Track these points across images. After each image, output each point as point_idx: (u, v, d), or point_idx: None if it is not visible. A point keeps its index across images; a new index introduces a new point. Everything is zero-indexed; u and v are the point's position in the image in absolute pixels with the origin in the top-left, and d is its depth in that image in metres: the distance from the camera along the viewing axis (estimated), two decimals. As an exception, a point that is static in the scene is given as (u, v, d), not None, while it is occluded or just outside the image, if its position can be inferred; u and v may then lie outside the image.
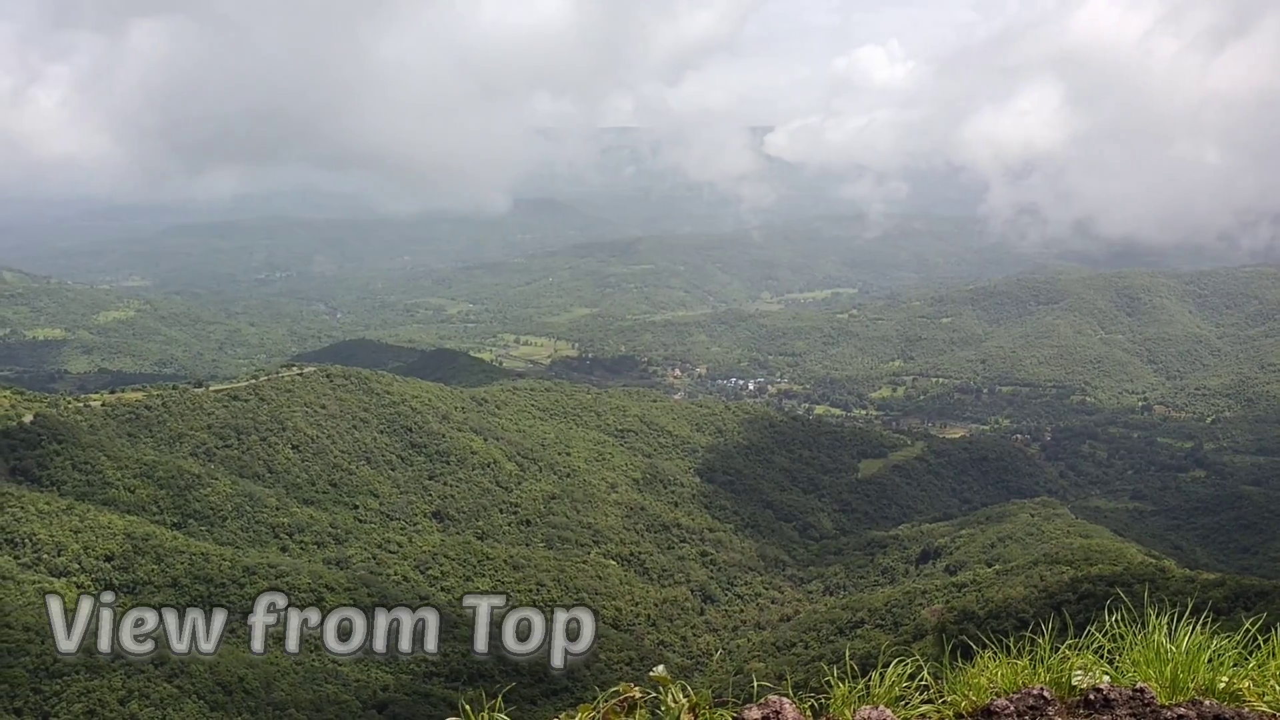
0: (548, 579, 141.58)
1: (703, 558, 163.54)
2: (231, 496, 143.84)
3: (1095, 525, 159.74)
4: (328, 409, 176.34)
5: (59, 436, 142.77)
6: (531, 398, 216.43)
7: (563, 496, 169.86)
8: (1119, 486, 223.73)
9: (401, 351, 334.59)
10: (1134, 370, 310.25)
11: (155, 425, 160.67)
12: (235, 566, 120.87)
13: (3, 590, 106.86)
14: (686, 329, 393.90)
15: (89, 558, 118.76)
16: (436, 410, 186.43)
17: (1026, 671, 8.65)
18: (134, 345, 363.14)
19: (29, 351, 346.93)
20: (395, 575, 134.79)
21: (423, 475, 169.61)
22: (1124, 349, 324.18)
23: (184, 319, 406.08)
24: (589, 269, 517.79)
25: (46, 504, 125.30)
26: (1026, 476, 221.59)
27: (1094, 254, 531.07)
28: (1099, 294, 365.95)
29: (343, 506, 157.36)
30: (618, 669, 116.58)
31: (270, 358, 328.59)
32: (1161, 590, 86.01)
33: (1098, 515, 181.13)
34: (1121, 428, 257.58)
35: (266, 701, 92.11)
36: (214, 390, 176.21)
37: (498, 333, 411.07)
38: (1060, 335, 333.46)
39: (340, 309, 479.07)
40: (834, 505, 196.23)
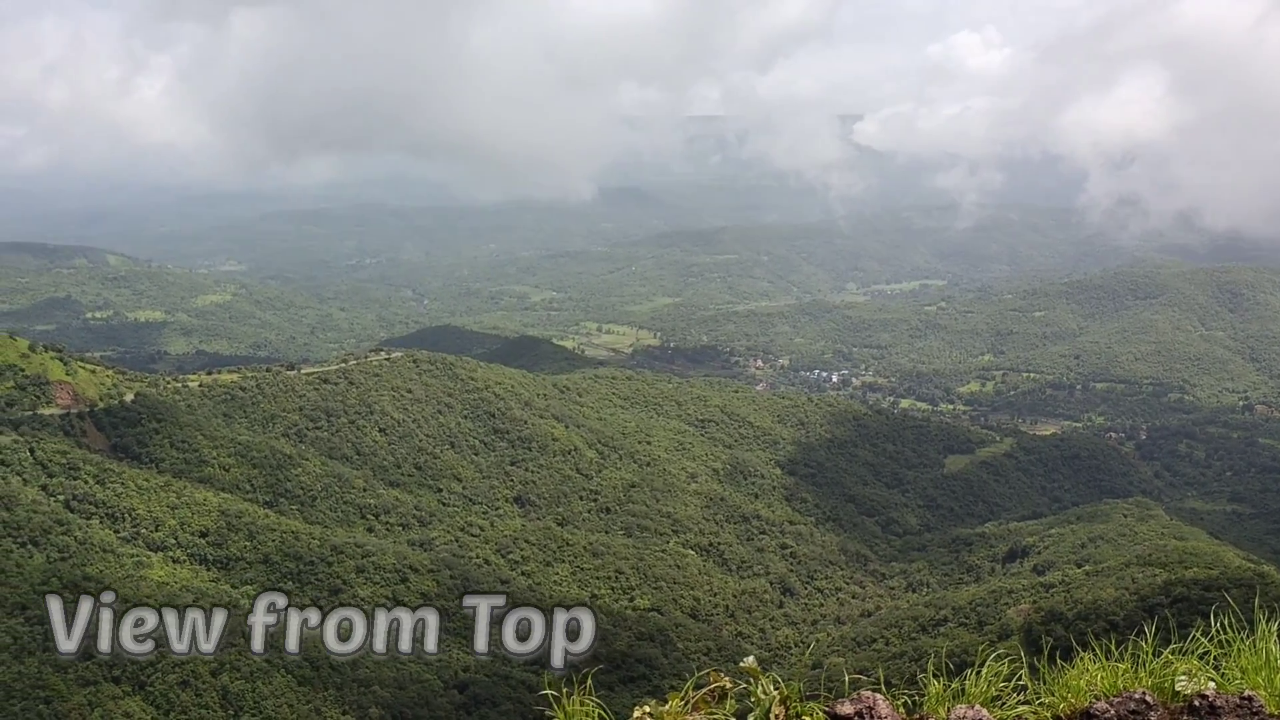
0: (626, 567, 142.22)
1: (783, 550, 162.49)
2: (321, 477, 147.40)
3: (1191, 527, 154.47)
4: (414, 393, 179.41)
5: (158, 415, 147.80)
6: (613, 386, 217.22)
7: (642, 485, 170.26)
8: (1217, 488, 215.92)
9: (486, 338, 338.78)
10: (1235, 368, 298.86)
11: (249, 406, 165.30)
12: (324, 545, 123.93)
13: (103, 562, 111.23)
14: (770, 320, 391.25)
15: (185, 533, 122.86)
16: (519, 397, 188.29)
17: (1127, 675, 8.35)
18: (230, 328, 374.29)
19: (131, 333, 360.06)
20: (477, 558, 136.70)
21: (505, 461, 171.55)
22: (1225, 346, 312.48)
23: (277, 303, 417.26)
24: (672, 258, 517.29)
25: (145, 480, 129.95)
26: (1120, 476, 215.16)
27: (1195, 248, 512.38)
28: (1200, 289, 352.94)
29: (427, 489, 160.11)
30: (695, 659, 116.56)
31: (359, 342, 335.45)
32: (1260, 596, 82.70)
33: (1194, 517, 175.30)
34: (1221, 427, 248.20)
35: (352, 678, 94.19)
36: (305, 373, 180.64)
37: (580, 321, 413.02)
38: (1159, 331, 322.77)
39: (427, 295, 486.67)
40: (919, 501, 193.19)
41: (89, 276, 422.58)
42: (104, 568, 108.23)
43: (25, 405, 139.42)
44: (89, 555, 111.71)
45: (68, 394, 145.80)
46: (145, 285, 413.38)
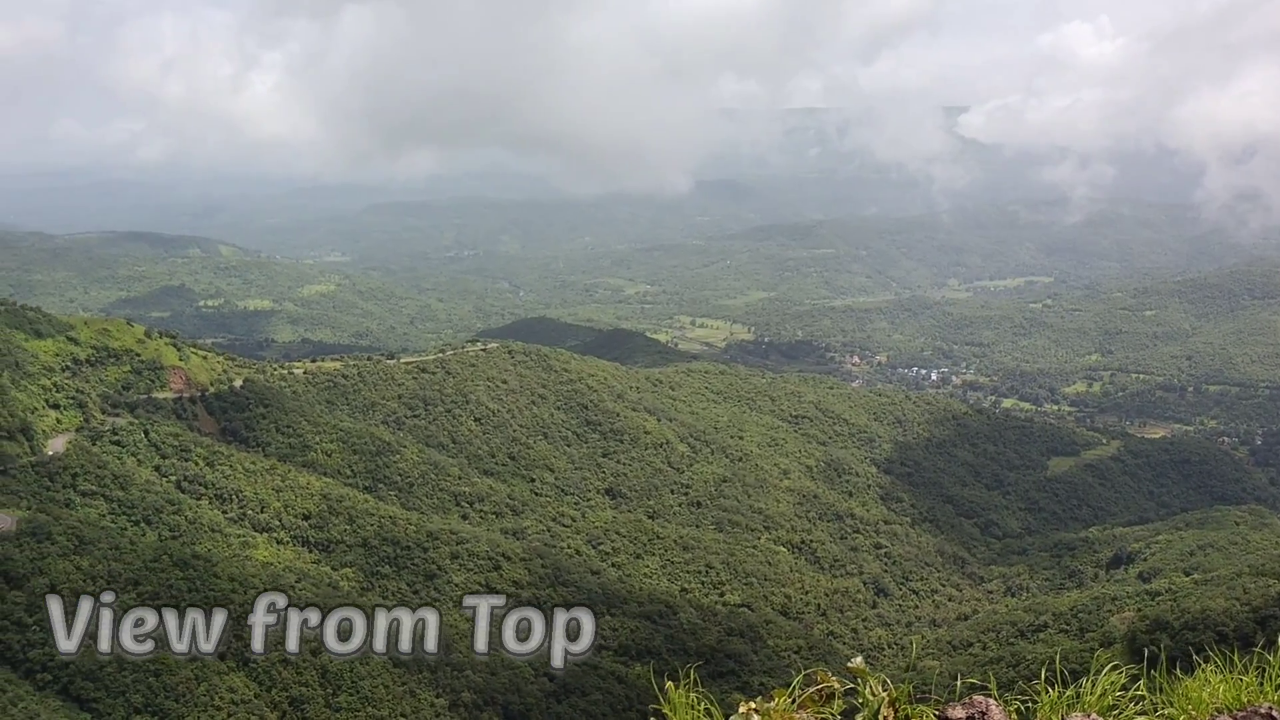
0: (717, 562, 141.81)
1: (877, 550, 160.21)
2: (418, 464, 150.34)
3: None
4: (508, 384, 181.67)
5: (265, 401, 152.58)
6: (706, 380, 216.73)
7: (734, 480, 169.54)
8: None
9: (580, 330, 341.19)
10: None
11: (351, 393, 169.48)
12: (420, 531, 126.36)
13: (211, 541, 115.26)
14: (867, 315, 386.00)
15: (289, 515, 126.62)
16: (612, 389, 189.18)
17: (1252, 688, 7.92)
18: (333, 317, 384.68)
19: (241, 320, 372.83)
20: (568, 549, 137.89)
21: (597, 453, 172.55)
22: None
23: (379, 294, 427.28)
24: (768, 252, 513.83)
25: (252, 463, 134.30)
26: (1233, 482, 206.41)
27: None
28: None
29: (520, 479, 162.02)
30: (785, 656, 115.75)
31: (457, 333, 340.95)
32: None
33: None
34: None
35: (445, 661, 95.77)
36: (404, 362, 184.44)
37: (674, 314, 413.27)
38: (1277, 332, 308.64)
39: (523, 287, 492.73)
40: (1019, 503, 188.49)
41: (202, 266, 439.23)
42: (212, 547, 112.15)
43: (141, 389, 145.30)
44: (198, 534, 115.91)
45: (181, 379, 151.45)
46: (255, 275, 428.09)
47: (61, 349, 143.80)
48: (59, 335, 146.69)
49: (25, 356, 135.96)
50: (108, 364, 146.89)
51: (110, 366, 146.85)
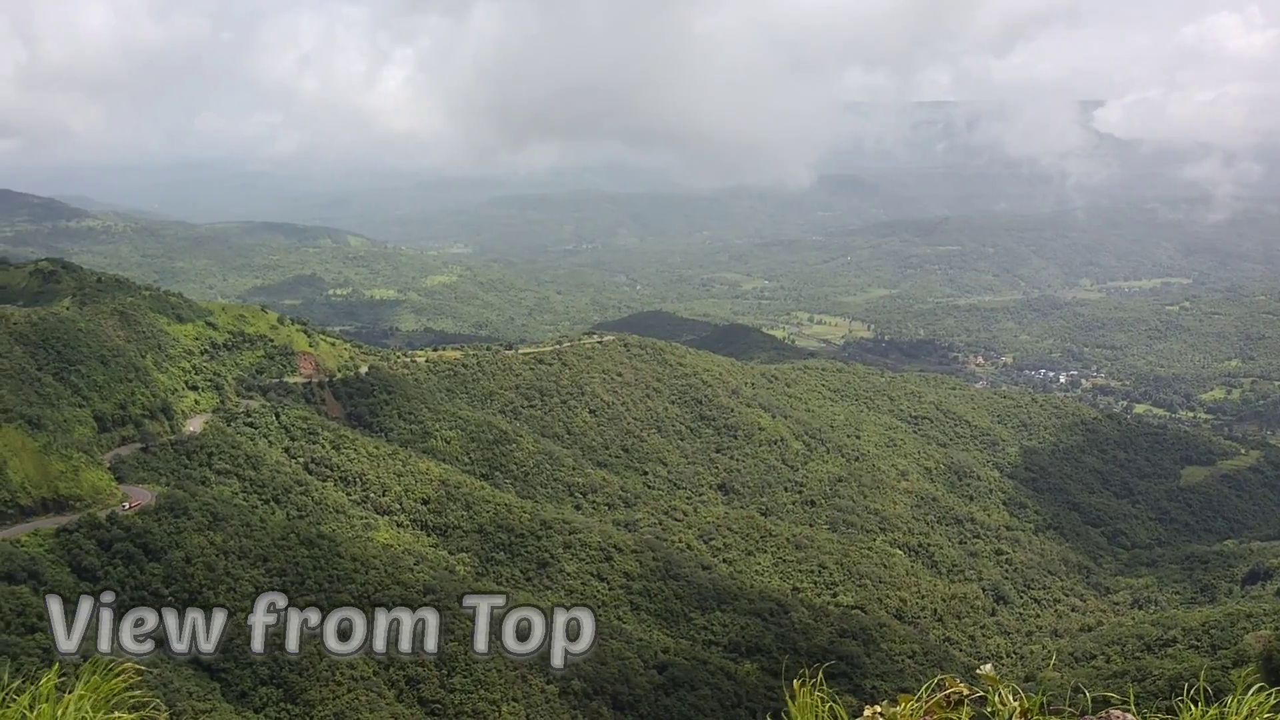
0: (830, 562, 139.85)
1: (998, 556, 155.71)
2: (533, 454, 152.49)
3: None
4: (624, 377, 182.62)
5: (389, 387, 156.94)
6: (823, 378, 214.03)
7: (850, 480, 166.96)
8: None
9: (696, 324, 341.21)
10: None
11: (470, 382, 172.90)
12: (534, 520, 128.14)
13: (336, 522, 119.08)
14: (993, 315, 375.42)
15: (408, 499, 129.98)
16: (727, 385, 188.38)
17: None
18: (455, 308, 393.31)
19: (367, 309, 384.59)
20: (679, 543, 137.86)
21: (710, 447, 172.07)
22: None
23: (499, 285, 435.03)
24: (890, 249, 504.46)
25: (375, 448, 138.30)
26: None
27: None
28: None
29: (633, 472, 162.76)
30: (899, 661, 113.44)
31: (574, 325, 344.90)
32: None
33: None
34: None
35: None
36: (522, 353, 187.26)
37: (792, 310, 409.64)
38: None
39: (640, 281, 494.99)
40: (1149, 513, 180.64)
41: (332, 256, 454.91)
42: (336, 527, 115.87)
43: (273, 373, 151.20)
44: (323, 515, 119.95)
45: (310, 364, 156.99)
46: (381, 265, 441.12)
47: (201, 333, 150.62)
48: (199, 320, 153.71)
49: (167, 340, 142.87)
50: (243, 349, 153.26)
51: (245, 351, 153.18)
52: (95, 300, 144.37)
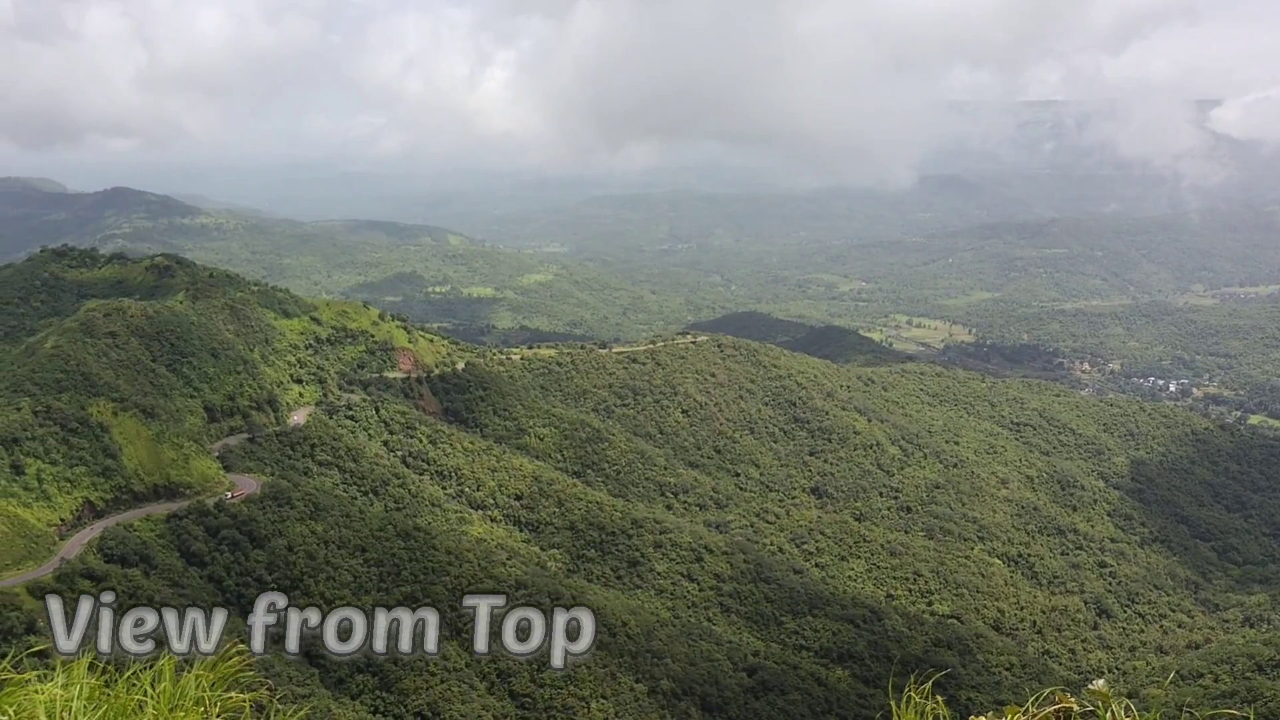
0: (925, 569, 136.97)
1: (1101, 568, 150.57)
2: (626, 452, 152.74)
3: None
4: (717, 377, 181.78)
5: (484, 384, 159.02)
6: (921, 382, 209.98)
7: (947, 486, 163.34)
8: None
9: (791, 326, 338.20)
10: None
11: (564, 380, 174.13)
12: (625, 518, 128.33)
13: (431, 515, 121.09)
14: (1100, 320, 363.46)
15: (502, 495, 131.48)
16: (822, 387, 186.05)
17: None
18: (550, 306, 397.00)
19: (465, 306, 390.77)
20: (771, 545, 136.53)
21: (804, 450, 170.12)
22: None
23: (594, 284, 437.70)
24: (993, 251, 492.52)
25: (471, 443, 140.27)
26: None
27: None
28: None
29: (725, 473, 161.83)
30: (996, 673, 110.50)
31: (667, 324, 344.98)
32: None
33: None
34: None
35: (646, 648, 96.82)
36: (616, 352, 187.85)
37: (890, 313, 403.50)
38: None
39: (734, 281, 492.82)
40: (1264, 528, 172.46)
41: (432, 254, 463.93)
42: (431, 520, 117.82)
43: (373, 368, 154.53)
44: (419, 507, 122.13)
45: (409, 360, 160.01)
46: (479, 264, 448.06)
47: (306, 328, 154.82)
48: (304, 316, 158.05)
49: (274, 334, 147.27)
50: (345, 344, 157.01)
51: (347, 346, 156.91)
52: (207, 295, 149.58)
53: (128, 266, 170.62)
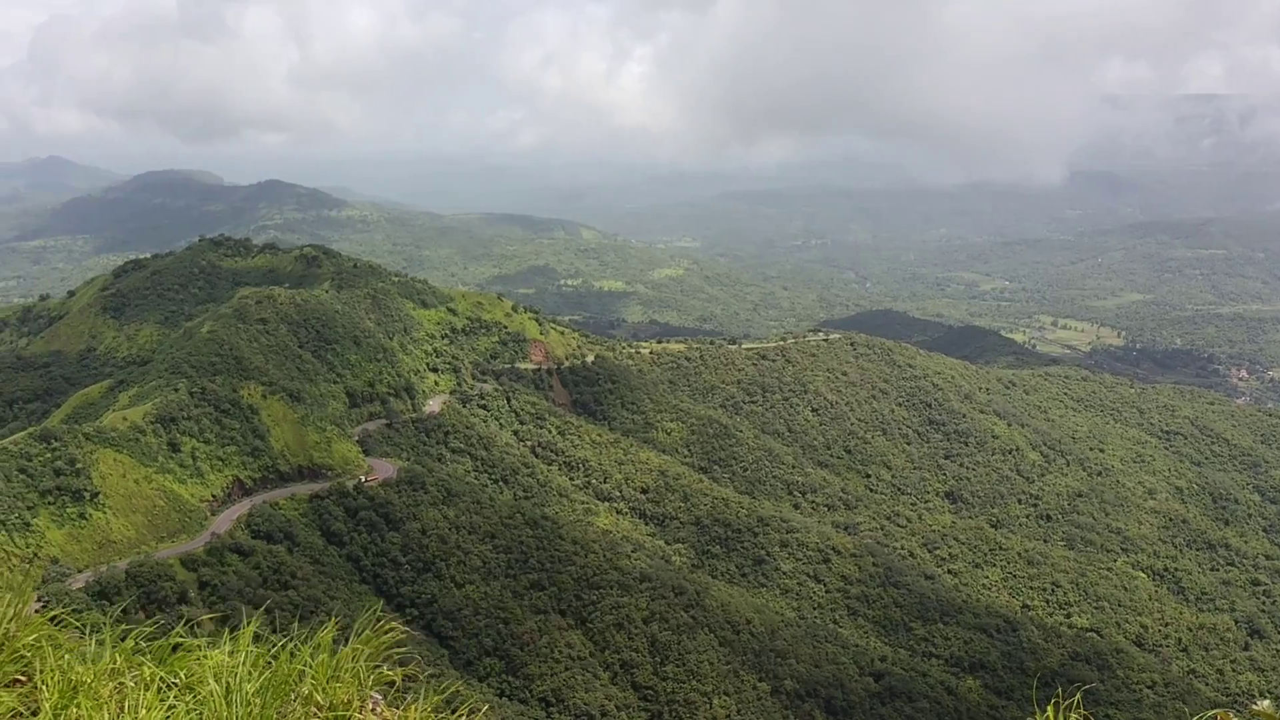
0: (1064, 580, 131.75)
1: (1254, 586, 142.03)
2: (753, 450, 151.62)
3: None
4: (849, 376, 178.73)
5: (613, 377, 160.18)
6: (1065, 386, 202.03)
7: (1090, 495, 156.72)
8: None
9: (928, 325, 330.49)
10: None
11: (692, 375, 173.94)
12: (751, 515, 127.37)
13: (559, 505, 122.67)
14: (1260, 325, 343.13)
15: (628, 488, 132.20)
16: (959, 389, 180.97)
17: None
18: (680, 301, 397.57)
19: (595, 300, 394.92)
20: (901, 550, 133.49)
21: (938, 453, 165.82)
22: None
23: (725, 279, 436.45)
24: (1146, 251, 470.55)
25: (599, 435, 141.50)
26: None
27: None
28: None
29: (855, 474, 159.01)
30: (1137, 690, 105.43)
31: (799, 321, 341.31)
32: None
33: None
34: None
35: (770, 647, 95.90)
36: (745, 348, 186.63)
37: (1033, 314, 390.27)
38: None
39: (870, 278, 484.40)
40: None
41: (565, 247, 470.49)
42: (559, 509, 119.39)
43: (506, 359, 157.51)
44: (547, 497, 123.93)
45: (540, 351, 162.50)
46: (611, 257, 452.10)
47: (442, 319, 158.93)
48: (441, 306, 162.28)
49: (413, 324, 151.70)
50: (479, 334, 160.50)
51: (481, 336, 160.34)
52: (351, 285, 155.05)
53: (278, 256, 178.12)
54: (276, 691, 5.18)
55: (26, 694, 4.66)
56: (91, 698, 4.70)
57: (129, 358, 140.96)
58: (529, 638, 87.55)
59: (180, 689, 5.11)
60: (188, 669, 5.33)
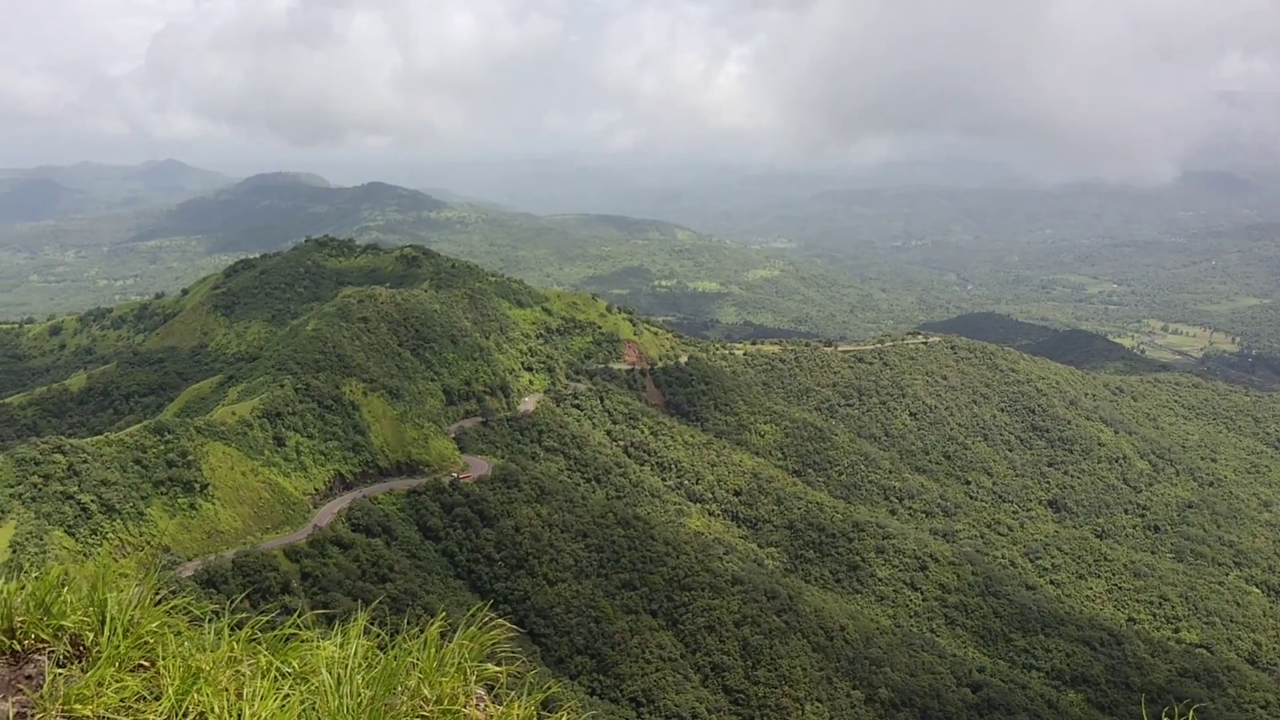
0: (1173, 594, 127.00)
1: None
2: (848, 453, 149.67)
3: None
4: (949, 380, 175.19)
5: (706, 378, 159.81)
6: (1176, 393, 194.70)
7: (1201, 506, 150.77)
8: None
9: (1032, 329, 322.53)
10: None
11: (786, 377, 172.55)
12: (846, 520, 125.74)
13: (651, 505, 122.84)
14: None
15: (721, 490, 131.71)
16: (1064, 394, 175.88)
17: None
18: (775, 302, 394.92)
19: (689, 300, 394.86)
20: (1002, 559, 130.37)
21: (1041, 460, 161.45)
22: None
23: (821, 281, 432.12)
24: (1265, 254, 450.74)
25: (691, 437, 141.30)
26: None
27: None
28: None
29: (954, 480, 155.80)
30: (1249, 710, 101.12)
31: (897, 324, 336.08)
32: None
33: None
34: None
35: (864, 654, 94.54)
36: (842, 350, 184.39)
37: (1142, 318, 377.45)
38: None
39: (971, 280, 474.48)
40: None
41: (659, 248, 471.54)
42: (651, 510, 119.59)
43: (600, 359, 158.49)
44: (639, 497, 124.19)
45: (634, 352, 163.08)
46: (705, 258, 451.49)
47: (537, 318, 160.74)
48: (536, 306, 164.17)
49: (508, 323, 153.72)
50: (574, 334, 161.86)
51: (576, 336, 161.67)
52: (449, 285, 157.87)
53: (380, 256, 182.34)
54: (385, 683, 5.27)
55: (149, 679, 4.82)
56: (211, 684, 4.84)
57: (238, 354, 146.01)
58: (620, 637, 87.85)
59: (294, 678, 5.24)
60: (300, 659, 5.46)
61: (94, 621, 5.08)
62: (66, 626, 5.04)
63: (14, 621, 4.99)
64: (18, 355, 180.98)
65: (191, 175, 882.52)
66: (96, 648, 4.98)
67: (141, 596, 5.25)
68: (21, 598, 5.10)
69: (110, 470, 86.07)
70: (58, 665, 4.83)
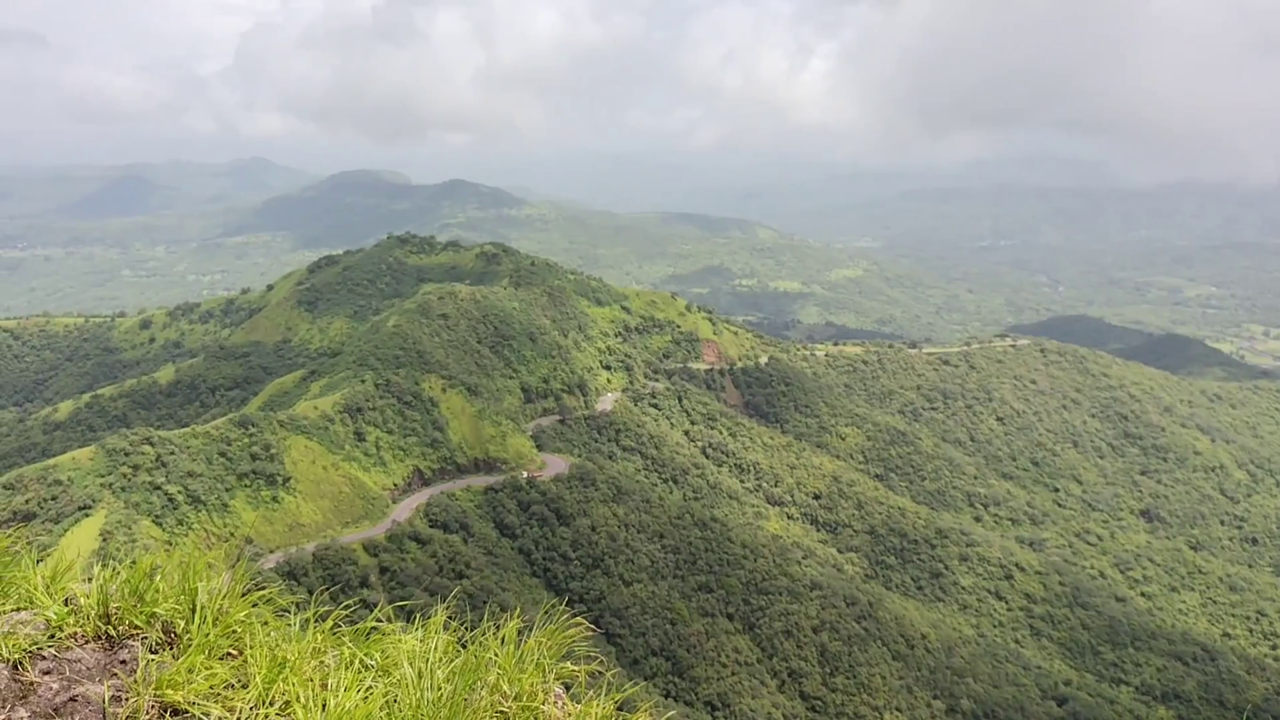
0: (1272, 610, 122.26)
1: None
2: (932, 458, 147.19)
3: None
4: (1038, 384, 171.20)
5: (787, 379, 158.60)
6: (1277, 401, 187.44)
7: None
8: None
9: (1125, 333, 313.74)
10: None
11: (869, 379, 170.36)
12: (929, 526, 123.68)
13: (728, 507, 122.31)
14: None
15: (800, 493, 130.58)
16: (1158, 401, 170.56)
17: None
18: (858, 302, 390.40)
19: (770, 300, 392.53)
20: (1091, 569, 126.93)
21: (1134, 468, 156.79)
22: None
23: (906, 281, 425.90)
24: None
25: (770, 438, 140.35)
26: None
27: None
28: None
29: (1042, 487, 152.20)
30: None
31: (984, 326, 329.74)
32: None
33: None
34: None
35: (945, 664, 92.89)
36: (926, 353, 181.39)
37: (1242, 322, 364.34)
38: None
39: (1063, 282, 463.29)
40: None
41: (740, 247, 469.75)
42: (728, 512, 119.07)
43: (678, 358, 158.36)
44: (717, 499, 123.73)
45: (713, 351, 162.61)
46: (787, 257, 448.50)
47: (616, 317, 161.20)
48: (615, 304, 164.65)
49: (587, 321, 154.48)
50: (652, 333, 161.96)
51: (654, 335, 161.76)
52: (528, 282, 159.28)
53: (460, 253, 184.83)
54: (466, 678, 5.32)
55: (237, 667, 4.94)
56: (296, 674, 4.94)
57: (321, 349, 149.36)
58: (696, 640, 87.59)
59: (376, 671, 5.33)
60: (382, 651, 5.54)
61: (185, 610, 5.21)
62: (159, 614, 5.16)
63: (109, 608, 5.13)
64: (110, 348, 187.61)
65: (277, 172, 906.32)
66: (187, 635, 5.10)
67: (230, 586, 5.38)
68: (117, 585, 5.25)
69: (196, 462, 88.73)
70: (150, 651, 4.96)
